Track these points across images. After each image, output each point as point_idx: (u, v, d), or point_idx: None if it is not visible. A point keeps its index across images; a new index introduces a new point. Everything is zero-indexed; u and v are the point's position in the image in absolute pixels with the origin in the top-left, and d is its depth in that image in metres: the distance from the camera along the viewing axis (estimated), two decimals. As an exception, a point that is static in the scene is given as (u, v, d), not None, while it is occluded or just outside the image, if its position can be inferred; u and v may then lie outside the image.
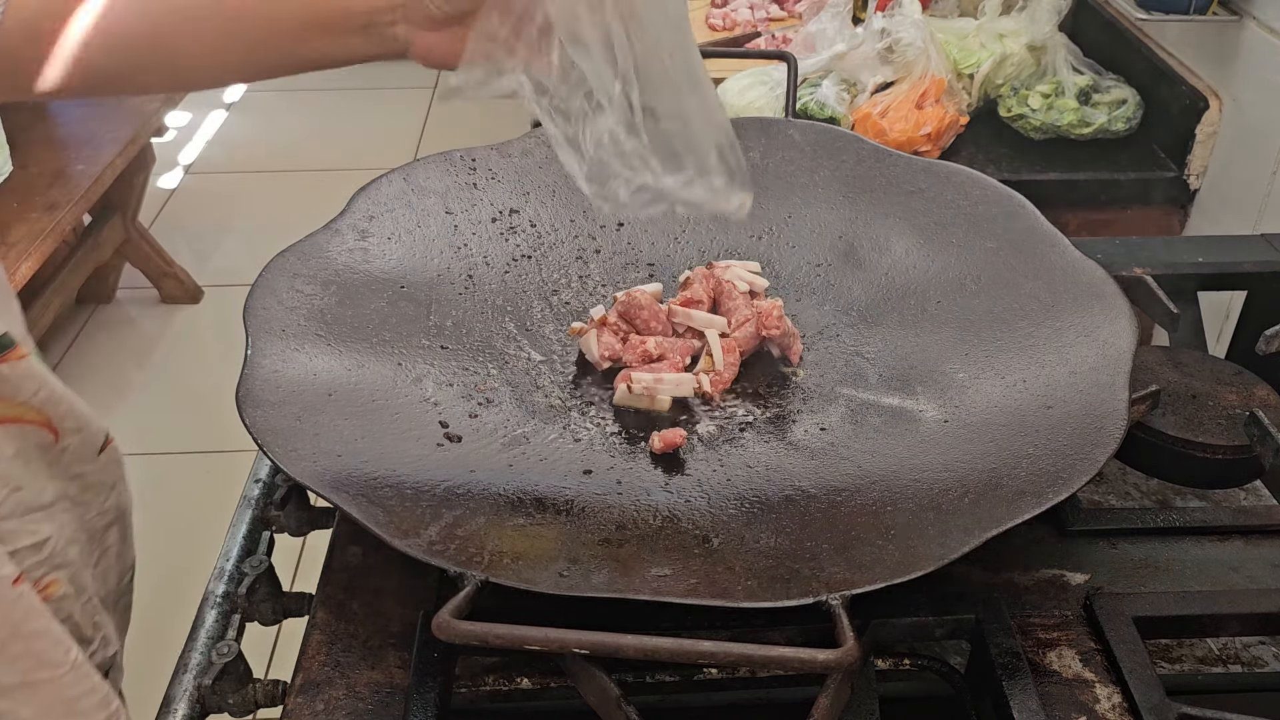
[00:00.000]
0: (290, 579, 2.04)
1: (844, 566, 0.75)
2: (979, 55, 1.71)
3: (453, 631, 0.64)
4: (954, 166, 1.14)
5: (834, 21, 1.77)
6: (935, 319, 1.02)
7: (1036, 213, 1.05)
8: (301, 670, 0.80)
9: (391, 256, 1.07)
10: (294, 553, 2.07)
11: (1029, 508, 0.75)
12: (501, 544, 0.76)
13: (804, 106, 1.68)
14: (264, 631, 0.98)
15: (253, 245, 1.47)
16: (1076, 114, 1.64)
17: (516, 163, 1.19)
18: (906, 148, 1.56)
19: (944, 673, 0.83)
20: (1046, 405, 0.87)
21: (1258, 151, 1.45)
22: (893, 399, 0.95)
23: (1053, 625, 0.83)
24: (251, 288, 0.96)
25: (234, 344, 0.91)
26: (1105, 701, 0.77)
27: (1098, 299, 0.95)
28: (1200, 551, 0.91)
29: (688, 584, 0.74)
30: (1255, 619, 0.83)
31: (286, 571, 0.89)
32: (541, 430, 0.93)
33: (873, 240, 1.11)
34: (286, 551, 0.98)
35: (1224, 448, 0.91)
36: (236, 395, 0.85)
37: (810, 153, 1.19)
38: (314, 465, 0.81)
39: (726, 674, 0.81)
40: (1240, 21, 1.49)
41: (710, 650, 0.63)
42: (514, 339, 1.04)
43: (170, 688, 0.80)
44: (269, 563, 0.90)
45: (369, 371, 0.94)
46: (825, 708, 0.66)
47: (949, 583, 0.82)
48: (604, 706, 0.71)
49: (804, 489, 0.86)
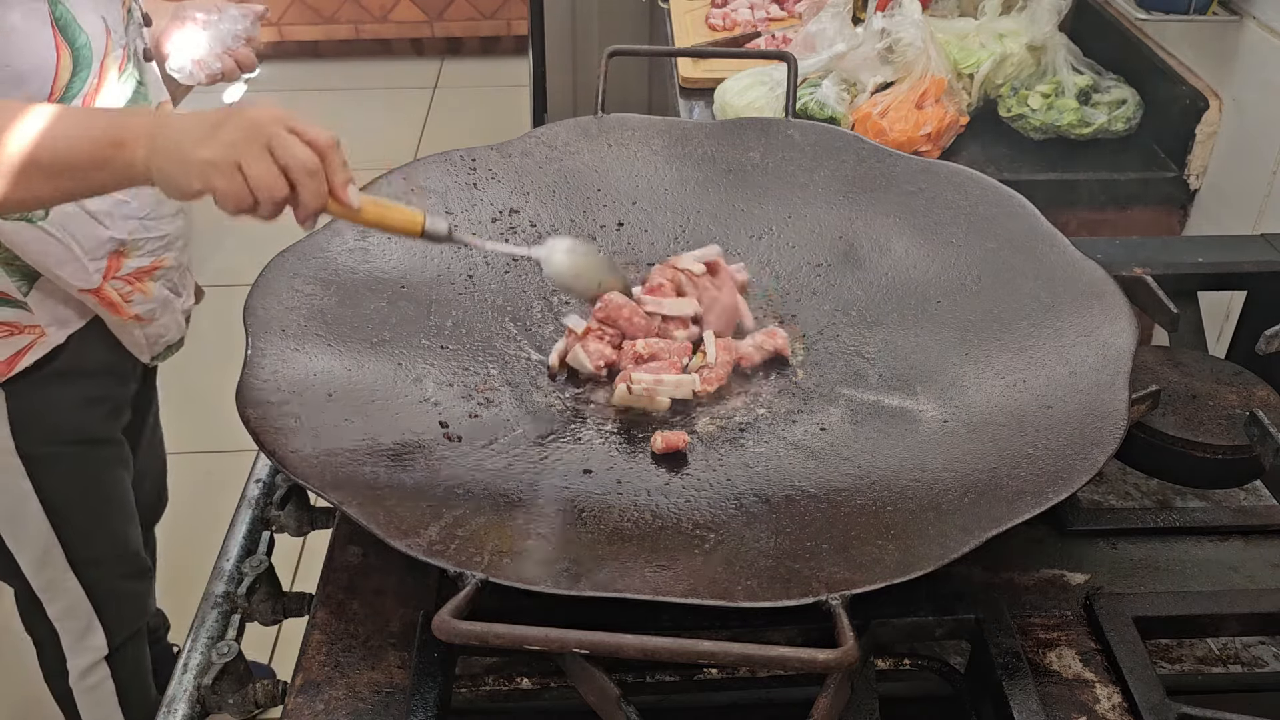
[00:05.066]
0: (290, 579, 2.04)
1: (844, 566, 0.75)
2: (979, 55, 1.71)
3: (453, 631, 0.64)
4: (954, 166, 1.14)
5: (834, 21, 1.77)
6: (935, 319, 1.02)
7: (1036, 213, 1.05)
8: (301, 670, 0.80)
9: (391, 256, 1.07)
10: (294, 553, 2.07)
11: (1029, 508, 0.75)
12: (501, 544, 0.76)
13: (804, 106, 1.67)
14: (264, 631, 0.98)
15: (253, 245, 1.47)
16: (1076, 114, 1.64)
17: (516, 163, 1.19)
18: (906, 148, 1.56)
19: (944, 673, 0.83)
20: (1046, 405, 0.87)
21: (1258, 151, 1.45)
22: (893, 399, 0.95)
23: (1053, 625, 0.83)
24: (251, 288, 0.96)
25: (234, 344, 0.92)
26: (1105, 701, 0.77)
27: (1098, 299, 0.95)
28: (1200, 551, 0.91)
29: (688, 584, 0.74)
30: (1255, 619, 0.83)
31: (286, 571, 0.90)
32: (541, 430, 0.93)
33: (873, 240, 1.11)
34: (286, 551, 0.98)
35: (1224, 448, 0.91)
36: (236, 395, 0.85)
37: (810, 153, 1.19)
38: (314, 465, 0.81)
39: (726, 674, 0.81)
40: (1240, 21, 1.49)
41: (710, 650, 0.63)
42: (514, 339, 1.04)
43: (170, 688, 0.80)
44: (269, 563, 0.90)
45: (369, 371, 0.94)
46: (825, 708, 0.66)
47: (949, 583, 0.82)
48: (604, 706, 0.71)
49: (804, 489, 0.86)
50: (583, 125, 1.23)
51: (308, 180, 0.84)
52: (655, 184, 1.20)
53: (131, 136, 0.87)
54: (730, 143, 1.22)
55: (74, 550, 1.41)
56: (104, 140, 0.88)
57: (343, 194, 0.87)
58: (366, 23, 4.58)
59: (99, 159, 0.88)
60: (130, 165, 0.87)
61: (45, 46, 1.11)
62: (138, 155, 0.86)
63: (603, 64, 1.24)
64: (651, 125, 1.24)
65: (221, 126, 0.83)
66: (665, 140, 1.23)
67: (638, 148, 1.22)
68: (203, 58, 1.38)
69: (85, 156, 0.89)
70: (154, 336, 1.36)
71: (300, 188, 0.84)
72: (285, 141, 0.83)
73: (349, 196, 0.87)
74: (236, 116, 0.84)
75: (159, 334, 1.37)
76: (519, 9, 4.36)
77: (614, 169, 1.20)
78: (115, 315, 1.29)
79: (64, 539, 1.39)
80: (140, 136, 0.87)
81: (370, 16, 4.57)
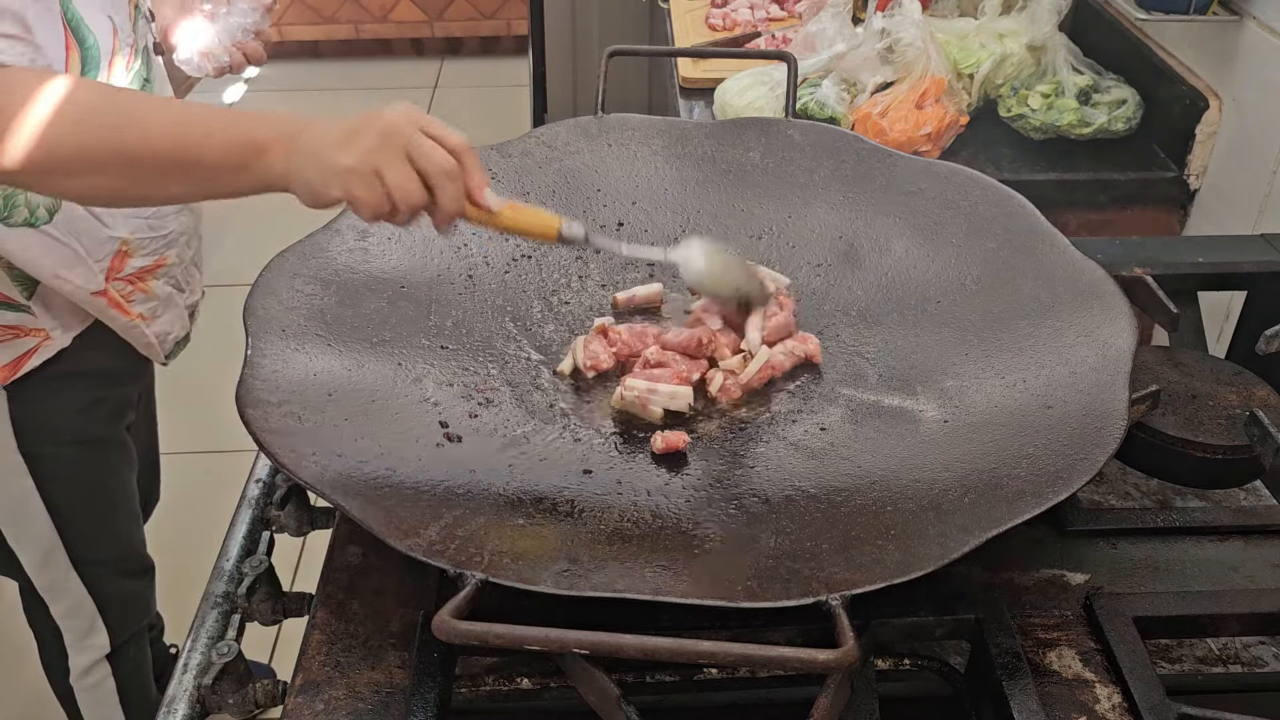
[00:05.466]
0: (290, 579, 2.04)
1: (844, 566, 0.75)
2: (979, 55, 1.71)
3: (453, 631, 0.64)
4: (954, 166, 1.14)
5: (834, 21, 1.77)
6: (935, 319, 1.02)
7: (1036, 213, 1.05)
8: (301, 670, 0.80)
9: (392, 256, 1.07)
10: (294, 553, 2.07)
11: (1029, 508, 0.75)
12: (501, 544, 0.76)
13: (804, 106, 1.67)
14: (264, 631, 0.98)
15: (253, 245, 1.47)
16: (1076, 114, 1.64)
17: (516, 163, 1.19)
18: (906, 148, 1.56)
19: (944, 673, 0.83)
20: (1046, 405, 0.87)
21: (1258, 151, 1.45)
22: (893, 399, 0.95)
23: (1053, 625, 0.83)
24: (251, 288, 0.96)
25: (234, 344, 0.92)
26: (1105, 701, 0.77)
27: (1098, 299, 0.95)
28: (1200, 551, 0.91)
29: (688, 584, 0.74)
30: (1255, 619, 0.83)
31: (286, 571, 0.90)
32: (541, 430, 0.93)
33: (873, 240, 1.11)
34: (286, 551, 0.98)
35: (1224, 448, 0.91)
36: (236, 395, 0.85)
37: (810, 153, 1.19)
38: (314, 465, 0.81)
39: (726, 674, 0.81)
40: (1240, 21, 1.49)
41: (710, 650, 0.63)
42: (514, 339, 1.04)
43: (170, 688, 0.80)
44: (269, 563, 0.90)
45: (369, 371, 0.94)
46: (825, 708, 0.66)
47: (949, 583, 0.82)
48: (604, 706, 0.71)
49: (804, 489, 0.86)
50: (583, 125, 1.23)
51: (447, 184, 0.83)
52: (655, 184, 1.20)
53: (272, 141, 0.84)
54: (730, 143, 1.22)
55: (77, 550, 1.41)
56: (246, 142, 0.85)
57: (480, 198, 0.86)
58: (366, 23, 4.58)
59: (239, 162, 0.85)
60: (270, 170, 0.85)
61: (56, 46, 1.11)
62: (278, 161, 0.84)
63: (603, 64, 1.24)
64: (651, 125, 1.24)
65: (360, 133, 0.82)
66: (665, 140, 1.23)
67: (638, 148, 1.22)
68: (210, 50, 1.36)
69: (226, 158, 0.86)
70: (161, 334, 1.37)
71: (439, 192, 0.83)
72: (423, 146, 0.82)
73: (487, 200, 0.86)
74: (373, 121, 0.82)
75: (165, 331, 1.37)
76: (519, 9, 4.37)
77: (614, 169, 1.20)
78: (124, 316, 1.29)
79: (67, 539, 1.39)
80: (281, 141, 0.84)
81: (370, 16, 4.58)
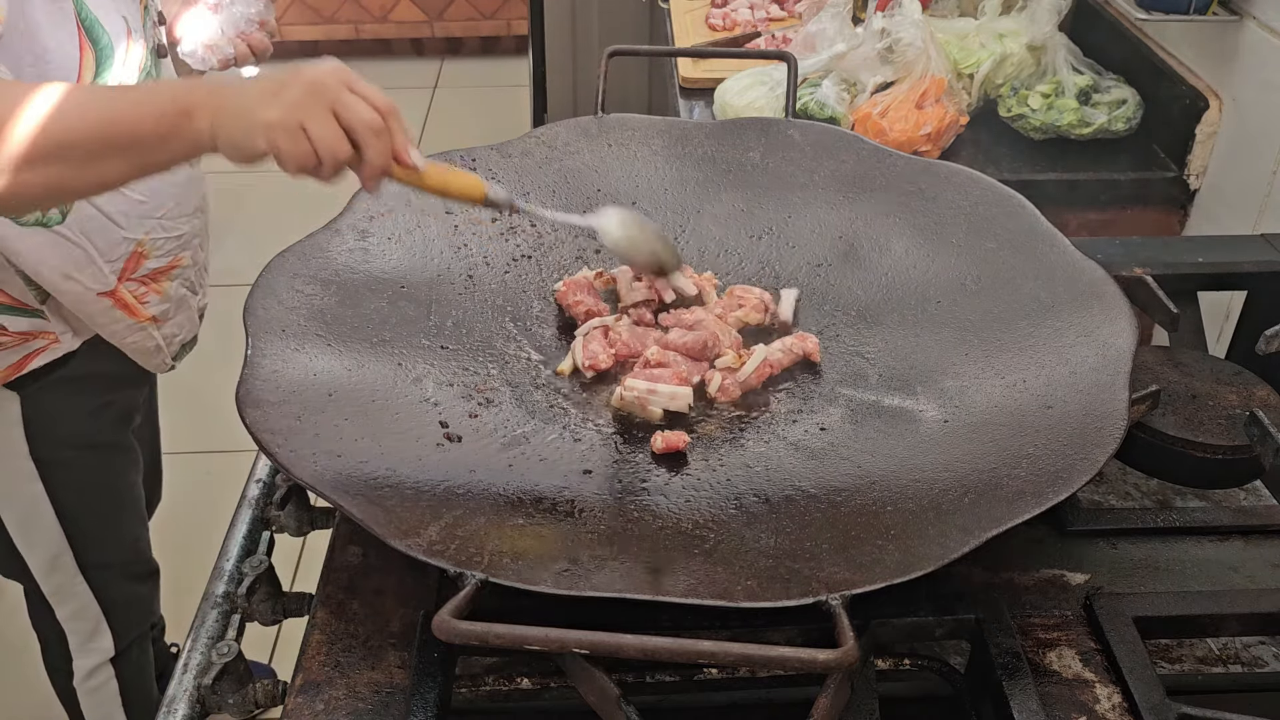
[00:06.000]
0: (290, 579, 2.04)
1: (844, 566, 0.75)
2: (979, 55, 1.71)
3: (453, 631, 0.64)
4: (954, 166, 1.14)
5: (834, 21, 1.77)
6: (935, 319, 1.02)
7: (1036, 213, 1.05)
8: (301, 670, 0.80)
9: (392, 256, 1.07)
10: (294, 553, 2.07)
11: (1029, 508, 0.75)
12: (501, 544, 0.76)
13: (804, 106, 1.67)
14: (264, 631, 0.98)
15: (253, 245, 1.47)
16: (1076, 114, 1.64)
17: (516, 163, 1.19)
18: (906, 148, 1.56)
19: (944, 673, 0.83)
20: (1046, 405, 0.87)
21: (1258, 151, 1.45)
22: (893, 399, 0.95)
23: (1053, 625, 0.83)
24: (251, 288, 0.96)
25: (234, 344, 0.92)
26: (1105, 701, 0.77)
27: (1098, 299, 0.95)
28: (1200, 551, 0.91)
29: (688, 584, 0.74)
30: (1255, 619, 0.83)
31: (286, 571, 0.90)
32: (541, 430, 0.93)
33: (873, 240, 1.11)
34: (286, 551, 0.98)
35: (1224, 448, 0.91)
36: (236, 395, 0.85)
37: (810, 153, 1.19)
38: (314, 465, 0.81)
39: (726, 674, 0.81)
40: (1240, 21, 1.49)
41: (710, 650, 0.63)
42: (514, 339, 1.04)
43: (170, 688, 0.80)
44: (269, 563, 0.90)
45: (369, 371, 0.94)
46: (825, 708, 0.66)
47: (949, 583, 0.82)
48: (604, 706, 0.71)
49: (804, 489, 0.86)
50: (583, 125, 1.23)
51: (373, 140, 0.83)
52: (655, 184, 1.20)
53: (197, 103, 0.85)
54: (730, 143, 1.22)
55: (84, 554, 1.41)
56: (171, 111, 0.86)
57: (405, 156, 0.86)
58: (366, 23, 4.58)
59: (170, 129, 0.86)
60: (199, 133, 0.85)
61: (69, 45, 1.11)
62: (203, 120, 0.85)
63: (603, 64, 1.24)
64: (651, 125, 1.24)
65: (285, 87, 0.82)
66: (665, 140, 1.23)
67: (638, 148, 1.22)
68: (214, 42, 1.36)
69: (155, 129, 0.86)
70: (169, 336, 1.37)
71: (365, 147, 0.83)
72: (349, 102, 0.82)
73: (412, 158, 0.86)
74: (299, 77, 0.83)
75: (173, 333, 1.37)
76: (519, 9, 4.36)
77: (614, 169, 1.20)
78: (131, 318, 1.29)
79: (75, 543, 1.39)
80: (205, 102, 0.85)
81: (370, 16, 4.57)
